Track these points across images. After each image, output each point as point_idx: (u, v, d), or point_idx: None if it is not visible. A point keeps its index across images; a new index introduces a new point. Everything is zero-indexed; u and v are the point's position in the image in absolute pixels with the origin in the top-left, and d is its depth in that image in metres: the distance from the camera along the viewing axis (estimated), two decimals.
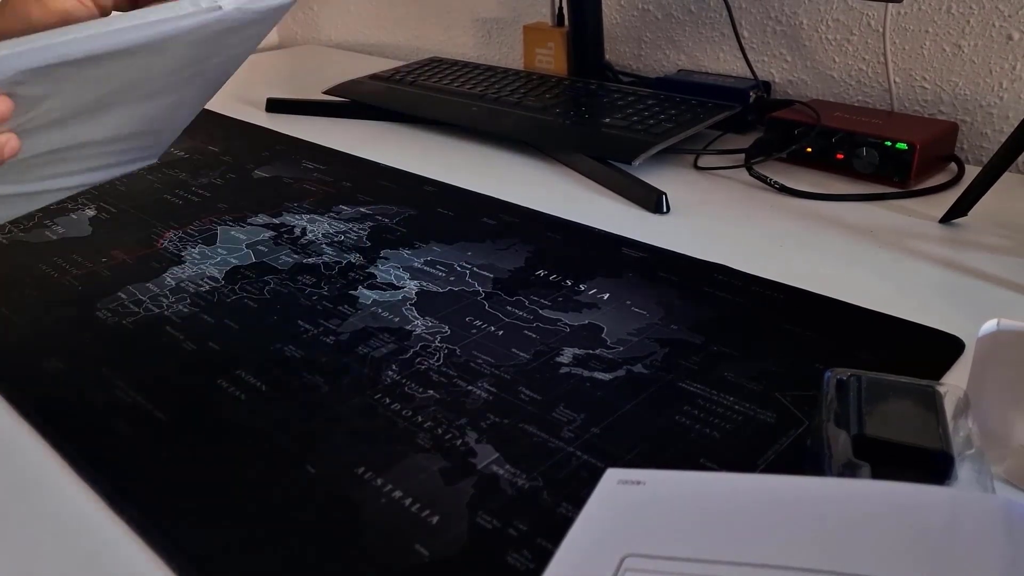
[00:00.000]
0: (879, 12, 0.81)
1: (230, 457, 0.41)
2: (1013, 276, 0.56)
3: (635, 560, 0.29)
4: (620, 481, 0.34)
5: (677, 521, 0.31)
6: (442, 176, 0.77)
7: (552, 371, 0.47)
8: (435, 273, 0.58)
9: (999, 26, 0.75)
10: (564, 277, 0.57)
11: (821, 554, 0.28)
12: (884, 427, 0.34)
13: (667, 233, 0.64)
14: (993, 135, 0.78)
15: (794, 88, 0.90)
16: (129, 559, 0.35)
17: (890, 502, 0.30)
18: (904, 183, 0.71)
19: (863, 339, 0.49)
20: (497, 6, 1.16)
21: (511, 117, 0.86)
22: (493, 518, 0.36)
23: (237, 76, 1.21)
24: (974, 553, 0.28)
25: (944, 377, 0.45)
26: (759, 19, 0.90)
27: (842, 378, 0.37)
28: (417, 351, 0.49)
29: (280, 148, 0.87)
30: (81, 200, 0.73)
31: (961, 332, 0.48)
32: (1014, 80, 0.76)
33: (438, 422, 0.43)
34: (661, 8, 0.98)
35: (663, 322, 0.51)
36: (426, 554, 0.35)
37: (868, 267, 0.58)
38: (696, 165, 0.79)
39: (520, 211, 0.69)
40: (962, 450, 0.34)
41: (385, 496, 0.38)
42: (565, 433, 0.41)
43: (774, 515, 0.30)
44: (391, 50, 1.33)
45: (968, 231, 0.64)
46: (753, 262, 0.58)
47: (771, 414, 0.42)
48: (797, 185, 0.71)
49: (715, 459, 0.40)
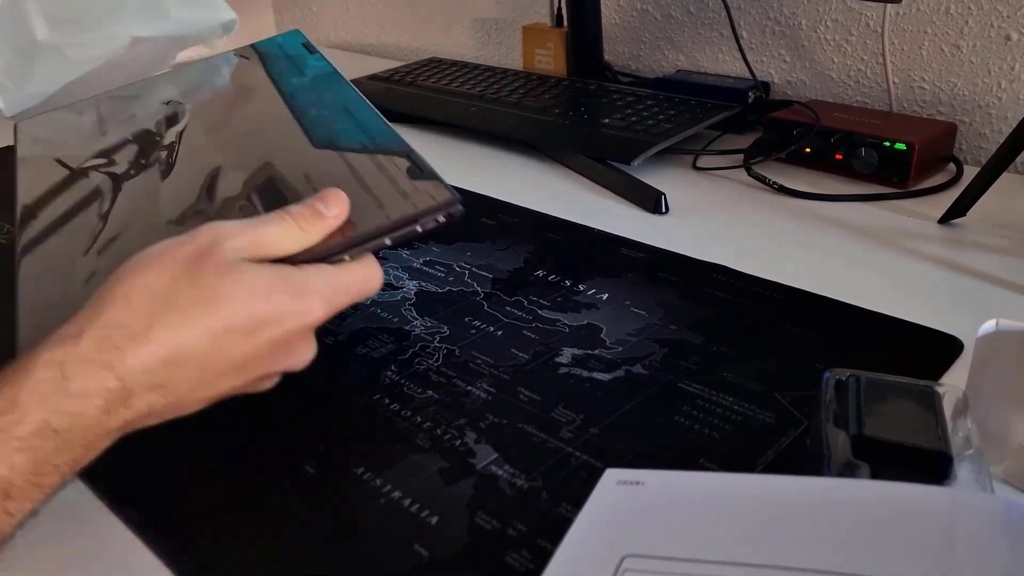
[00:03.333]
0: (878, 13, 0.81)
1: (229, 458, 0.40)
2: (1012, 276, 0.56)
3: (634, 560, 0.29)
4: (619, 481, 0.34)
5: (676, 521, 0.31)
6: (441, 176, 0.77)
7: (551, 371, 0.47)
8: (434, 273, 0.58)
9: (997, 27, 0.75)
10: (563, 277, 0.57)
11: (821, 554, 0.28)
12: (883, 427, 0.34)
13: (666, 233, 0.64)
14: (992, 135, 0.78)
15: (793, 88, 0.90)
16: (129, 560, 0.35)
17: (889, 502, 0.30)
18: (903, 183, 0.71)
19: (862, 339, 0.49)
20: (496, 6, 1.16)
21: (510, 117, 0.86)
22: (492, 518, 0.36)
23: None
24: (973, 553, 0.28)
25: (943, 377, 0.45)
26: (758, 19, 0.90)
27: (841, 378, 0.37)
28: (416, 351, 0.49)
29: None
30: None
31: (960, 332, 0.48)
32: (1012, 80, 0.76)
33: (437, 422, 0.43)
34: (660, 8, 0.98)
35: (662, 322, 0.51)
36: (425, 554, 0.35)
37: (867, 267, 0.58)
38: (695, 165, 0.79)
39: (519, 211, 0.69)
40: (961, 450, 0.34)
41: (384, 496, 0.38)
42: (564, 433, 0.41)
43: (773, 515, 0.30)
44: (390, 50, 1.33)
45: (967, 231, 0.64)
46: (752, 262, 0.58)
47: (770, 414, 0.42)
48: (796, 185, 0.71)
49: (714, 459, 0.40)
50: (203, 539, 0.36)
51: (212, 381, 0.37)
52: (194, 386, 0.36)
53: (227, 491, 0.38)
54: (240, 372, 0.37)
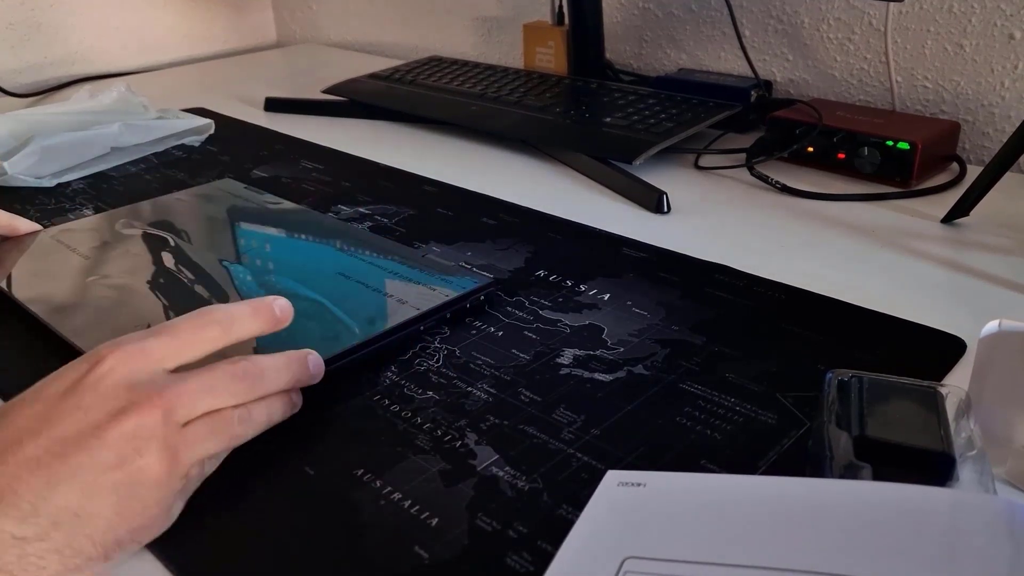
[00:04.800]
0: (880, 11, 0.81)
1: (229, 459, 0.40)
2: (1015, 276, 0.56)
3: (636, 562, 0.29)
4: (621, 483, 0.34)
5: (678, 523, 0.31)
6: (442, 176, 0.77)
7: (552, 372, 0.46)
8: None
9: (1001, 25, 0.75)
10: (564, 277, 0.57)
11: (822, 556, 0.28)
12: (885, 428, 0.34)
13: (668, 233, 0.64)
14: (995, 135, 0.78)
15: (795, 87, 0.90)
16: (129, 560, 0.35)
17: (891, 504, 0.29)
18: (906, 183, 0.71)
19: (864, 340, 0.49)
20: (497, 5, 1.15)
21: (511, 116, 0.86)
22: (493, 520, 0.36)
23: (236, 76, 1.21)
24: (975, 555, 0.27)
25: (946, 378, 0.45)
26: (760, 18, 0.90)
27: (843, 379, 0.37)
28: (416, 352, 0.49)
29: (279, 148, 0.87)
30: (79, 200, 0.73)
31: (963, 333, 0.48)
32: (1016, 79, 0.76)
33: (437, 424, 0.42)
34: (662, 7, 0.98)
35: (664, 323, 0.51)
36: (425, 556, 0.35)
37: (870, 267, 0.58)
38: (697, 165, 0.79)
39: (520, 211, 0.68)
40: (964, 451, 0.33)
41: (384, 498, 0.38)
42: (565, 434, 0.41)
43: (775, 517, 0.30)
44: (390, 49, 1.32)
45: (970, 231, 0.63)
46: (754, 262, 0.58)
47: (772, 415, 0.42)
48: (798, 185, 0.71)
49: (716, 460, 0.39)
50: (203, 540, 0.36)
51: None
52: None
53: (226, 492, 0.38)
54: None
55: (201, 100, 1.05)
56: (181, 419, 0.35)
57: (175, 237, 0.60)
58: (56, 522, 0.31)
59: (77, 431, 0.33)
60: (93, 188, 0.76)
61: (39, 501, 0.31)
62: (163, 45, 1.32)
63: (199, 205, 0.68)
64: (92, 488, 0.32)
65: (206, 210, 0.66)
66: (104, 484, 0.33)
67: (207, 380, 0.37)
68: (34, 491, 0.31)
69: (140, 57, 1.29)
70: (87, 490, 0.32)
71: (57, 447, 0.32)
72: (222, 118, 0.96)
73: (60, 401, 0.33)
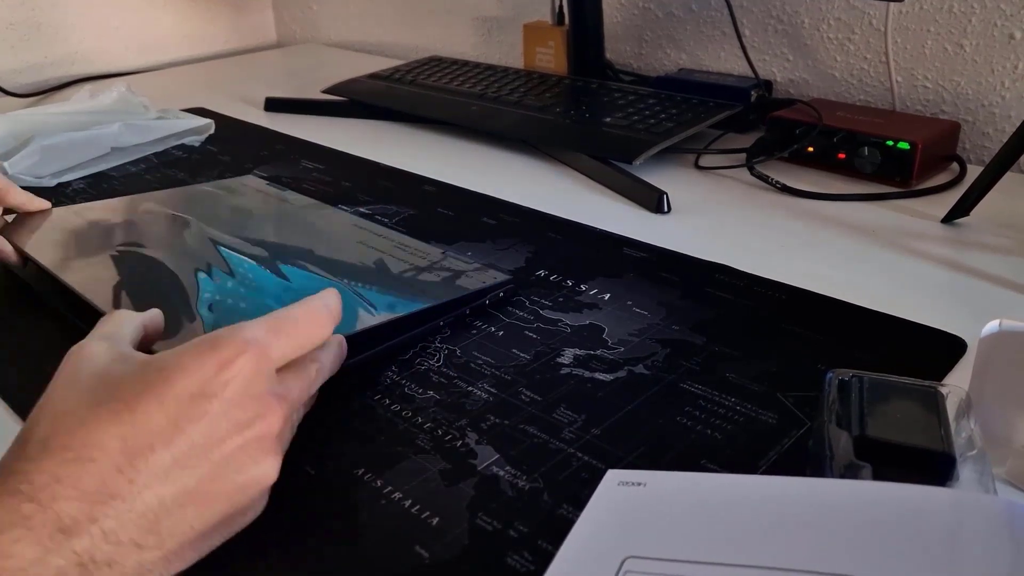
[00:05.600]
0: (881, 11, 0.81)
1: None
2: (1015, 276, 0.56)
3: (636, 562, 0.29)
4: (621, 482, 0.34)
5: (678, 523, 0.31)
6: (442, 176, 0.77)
7: (553, 372, 0.46)
8: None
9: (1001, 25, 0.75)
10: (565, 277, 0.57)
11: (822, 556, 0.28)
12: (886, 428, 0.34)
13: (668, 233, 0.64)
14: (995, 135, 0.78)
15: (795, 87, 0.90)
16: None
17: (892, 504, 0.29)
18: (906, 183, 0.71)
19: (865, 339, 0.49)
20: (497, 5, 1.15)
21: (511, 116, 0.86)
22: (493, 520, 0.36)
23: (236, 75, 1.21)
24: (976, 555, 0.27)
25: (946, 378, 0.45)
26: (760, 18, 0.90)
27: (844, 379, 0.37)
28: (417, 351, 0.49)
29: (279, 147, 0.87)
30: (80, 200, 0.73)
31: (963, 333, 0.48)
32: (1016, 79, 0.76)
33: (438, 423, 0.42)
34: (662, 6, 0.98)
35: (664, 322, 0.51)
36: (426, 556, 0.35)
37: (870, 267, 0.58)
38: (697, 165, 0.79)
39: (520, 211, 0.68)
40: (964, 451, 0.33)
41: (385, 498, 0.38)
42: (566, 434, 0.41)
43: (775, 517, 0.30)
44: (390, 49, 1.32)
45: (970, 231, 0.63)
46: (754, 262, 0.58)
47: (773, 415, 0.42)
48: (799, 185, 0.71)
49: (716, 460, 0.39)
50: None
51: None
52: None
53: None
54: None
55: (201, 100, 1.05)
56: (294, 424, 0.39)
57: (200, 223, 0.61)
58: (172, 533, 0.32)
59: (204, 441, 0.33)
60: (93, 188, 0.76)
61: (163, 513, 0.32)
62: (163, 45, 1.32)
63: (224, 196, 0.68)
64: (210, 499, 0.33)
65: (231, 200, 0.67)
66: (220, 494, 0.34)
67: (306, 384, 0.39)
68: (160, 502, 0.32)
69: (140, 57, 1.29)
70: (207, 503, 0.33)
71: (184, 458, 0.33)
72: (222, 118, 0.96)
73: (190, 406, 0.33)
